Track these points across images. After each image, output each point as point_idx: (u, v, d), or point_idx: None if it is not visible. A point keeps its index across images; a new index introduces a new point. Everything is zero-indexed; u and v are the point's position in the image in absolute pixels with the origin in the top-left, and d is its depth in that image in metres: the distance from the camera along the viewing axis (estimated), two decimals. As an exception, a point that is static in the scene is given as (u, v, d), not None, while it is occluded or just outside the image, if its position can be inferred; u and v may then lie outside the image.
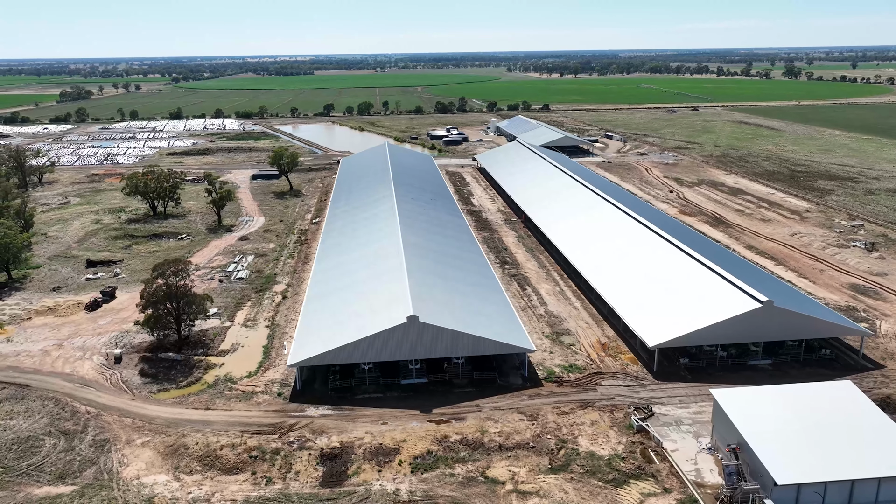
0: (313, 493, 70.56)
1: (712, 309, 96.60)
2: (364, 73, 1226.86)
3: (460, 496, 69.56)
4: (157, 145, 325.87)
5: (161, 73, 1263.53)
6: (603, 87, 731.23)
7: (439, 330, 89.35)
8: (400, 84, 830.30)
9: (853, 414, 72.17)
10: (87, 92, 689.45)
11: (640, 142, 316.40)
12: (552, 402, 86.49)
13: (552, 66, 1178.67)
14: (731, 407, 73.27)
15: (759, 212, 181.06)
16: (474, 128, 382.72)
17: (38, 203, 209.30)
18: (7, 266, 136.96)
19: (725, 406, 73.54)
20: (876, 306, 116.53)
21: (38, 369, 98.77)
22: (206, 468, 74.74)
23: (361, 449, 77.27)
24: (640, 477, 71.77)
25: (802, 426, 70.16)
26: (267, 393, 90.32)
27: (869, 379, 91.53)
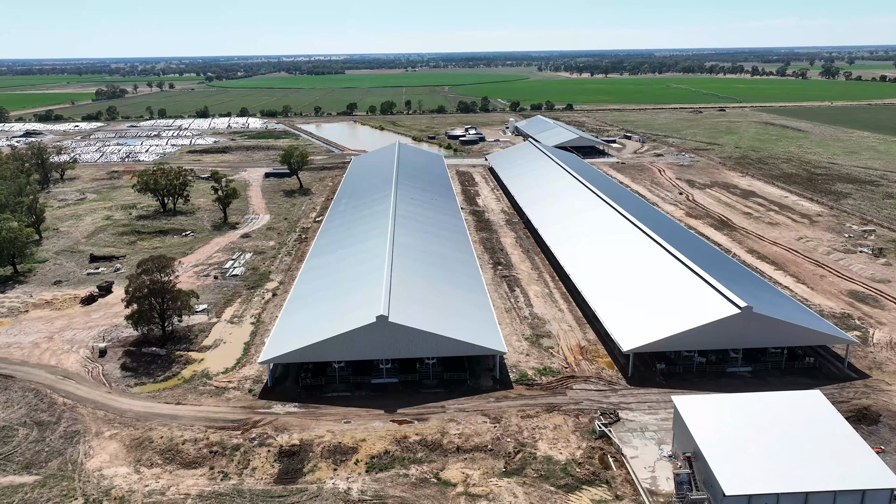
0: (266, 489, 71.23)
1: (691, 314, 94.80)
2: (394, 73, 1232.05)
3: (410, 497, 69.52)
4: (180, 143, 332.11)
5: (196, 73, 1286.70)
6: (632, 87, 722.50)
7: (409, 330, 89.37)
8: (427, 83, 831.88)
9: (817, 425, 70.15)
10: (122, 90, 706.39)
11: (659, 142, 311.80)
12: (518, 405, 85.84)
13: (583, 65, 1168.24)
14: (690, 414, 71.84)
15: (769, 215, 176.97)
16: (494, 128, 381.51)
17: (55, 198, 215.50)
18: (13, 260, 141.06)
19: (684, 413, 72.13)
20: (873, 314, 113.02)
21: (25, 361, 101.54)
22: (166, 462, 75.99)
23: (320, 447, 77.73)
24: (594, 483, 70.82)
25: (761, 436, 68.40)
26: (239, 389, 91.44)
27: (850, 389, 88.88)
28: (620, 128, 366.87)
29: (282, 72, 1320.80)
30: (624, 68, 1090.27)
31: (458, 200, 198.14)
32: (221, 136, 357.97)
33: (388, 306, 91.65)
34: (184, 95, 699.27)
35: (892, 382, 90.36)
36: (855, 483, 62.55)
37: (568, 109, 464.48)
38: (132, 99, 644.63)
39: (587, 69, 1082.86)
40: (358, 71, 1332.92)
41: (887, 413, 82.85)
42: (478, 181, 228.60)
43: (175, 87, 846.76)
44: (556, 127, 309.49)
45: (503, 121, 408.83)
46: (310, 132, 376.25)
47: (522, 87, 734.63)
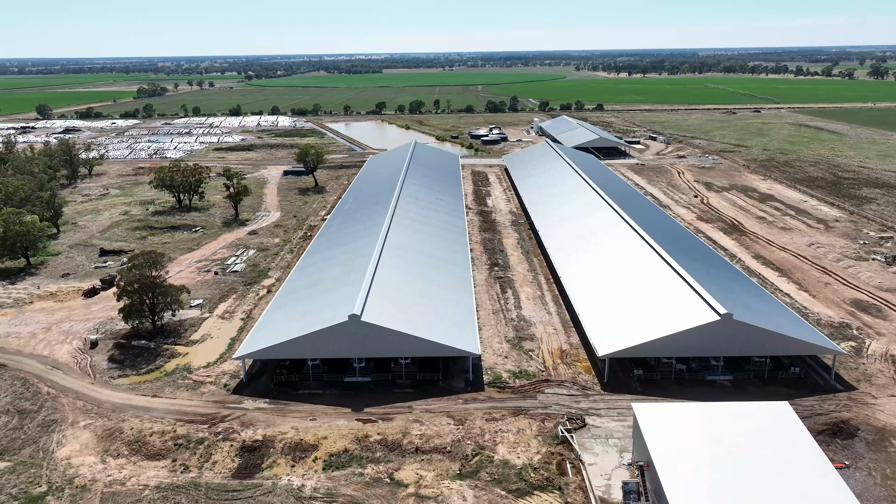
0: (222, 483, 72.36)
1: (670, 320, 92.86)
2: (431, 72, 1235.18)
3: (361, 496, 69.81)
4: (208, 140, 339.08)
5: (238, 71, 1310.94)
6: (668, 87, 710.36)
7: (382, 330, 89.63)
8: (462, 83, 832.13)
9: (779, 438, 67.97)
10: (163, 89, 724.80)
11: (685, 144, 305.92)
12: (486, 408, 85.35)
13: (621, 65, 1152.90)
14: (647, 422, 70.38)
15: (783, 220, 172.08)
16: (520, 127, 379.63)
17: (80, 193, 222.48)
18: (26, 253, 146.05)
19: (641, 421, 70.70)
20: (874, 324, 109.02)
21: (20, 350, 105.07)
22: (132, 453, 77.79)
23: (282, 444, 78.59)
24: (546, 489, 70.01)
25: (719, 448, 66.56)
26: (215, 384, 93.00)
27: (832, 401, 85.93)
28: (648, 128, 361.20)
29: (321, 71, 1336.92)
30: (663, 68, 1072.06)
31: (468, 200, 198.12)
32: (249, 134, 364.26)
33: (362, 305, 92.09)
34: (221, 94, 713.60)
35: (878, 396, 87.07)
36: (809, 502, 60.43)
37: (598, 109, 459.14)
38: (172, 97, 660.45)
39: (625, 69, 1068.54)
40: (395, 70, 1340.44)
41: (866, 428, 79.86)
42: (492, 181, 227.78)
43: (215, 85, 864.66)
44: (579, 127, 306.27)
45: (531, 121, 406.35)
46: (336, 131, 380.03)
47: (556, 87, 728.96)
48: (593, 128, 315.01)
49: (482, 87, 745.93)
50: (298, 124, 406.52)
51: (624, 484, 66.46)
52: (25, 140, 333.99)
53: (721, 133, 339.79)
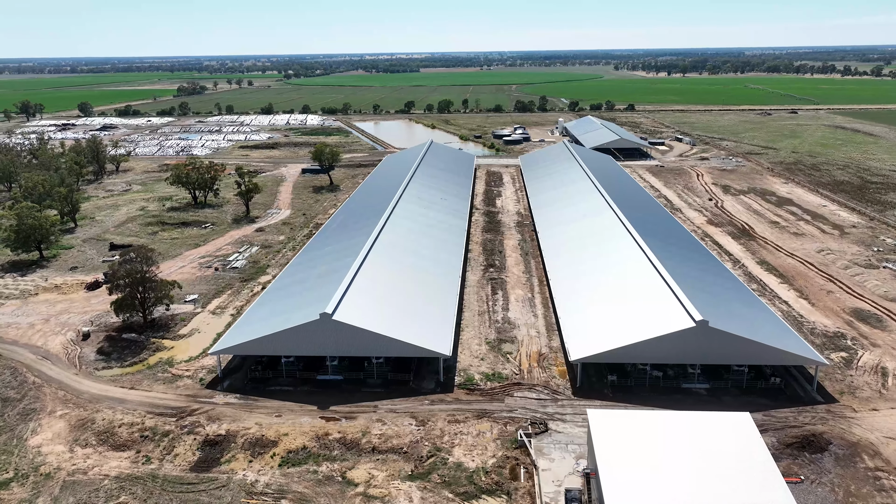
0: (180, 476, 73.77)
1: (647, 326, 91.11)
2: (468, 71, 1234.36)
3: (310, 493, 70.40)
4: (235, 138, 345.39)
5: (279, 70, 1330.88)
6: (707, 87, 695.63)
7: (353, 329, 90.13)
8: (496, 82, 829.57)
9: (733, 450, 66.10)
10: (202, 87, 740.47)
11: (711, 145, 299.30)
12: (451, 409, 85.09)
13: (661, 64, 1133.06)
14: (600, 429, 69.24)
15: (797, 225, 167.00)
16: (547, 127, 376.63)
17: (104, 189, 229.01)
18: (39, 246, 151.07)
19: (593, 427, 69.61)
20: (871, 334, 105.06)
21: (16, 340, 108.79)
22: (99, 443, 79.91)
23: (244, 439, 79.71)
24: (495, 493, 69.51)
25: (668, 458, 65.12)
26: (192, 378, 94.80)
27: (809, 413, 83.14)
28: (677, 129, 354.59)
29: (359, 70, 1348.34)
30: (703, 67, 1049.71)
31: (478, 201, 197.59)
32: (277, 133, 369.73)
33: (336, 304, 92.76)
34: (258, 92, 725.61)
35: (859, 409, 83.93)
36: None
37: (629, 110, 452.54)
38: (210, 95, 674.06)
39: (665, 68, 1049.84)
40: (433, 69, 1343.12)
41: (839, 442, 77.08)
42: (505, 182, 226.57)
43: (253, 84, 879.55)
44: (601, 128, 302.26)
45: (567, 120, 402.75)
46: (362, 129, 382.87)
47: (591, 87, 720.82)
48: (616, 128, 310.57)
49: (516, 86, 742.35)
50: (326, 123, 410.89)
51: (567, 492, 65.55)
52: (64, 137, 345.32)
53: (751, 135, 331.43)
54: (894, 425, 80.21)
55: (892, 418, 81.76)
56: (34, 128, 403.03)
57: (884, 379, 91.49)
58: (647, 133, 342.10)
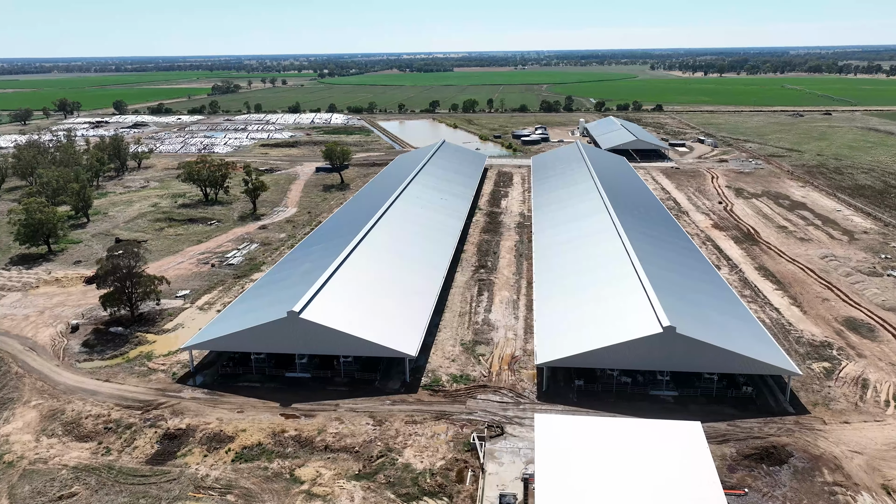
0: (135, 468, 75.26)
1: (616, 330, 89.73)
2: (502, 71, 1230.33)
3: (256, 489, 71.15)
4: (258, 136, 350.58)
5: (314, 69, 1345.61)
6: (740, 88, 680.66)
7: (320, 327, 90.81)
8: (528, 81, 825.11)
9: (676, 460, 64.68)
10: (236, 86, 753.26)
11: (734, 147, 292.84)
12: (410, 410, 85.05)
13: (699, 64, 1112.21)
14: (545, 434, 68.46)
15: (806, 230, 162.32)
16: (570, 128, 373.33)
17: (123, 185, 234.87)
18: (47, 240, 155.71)
19: (539, 432, 68.86)
20: (859, 345, 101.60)
21: (8, 331, 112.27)
22: (65, 434, 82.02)
23: (202, 433, 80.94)
24: (437, 496, 69.27)
25: (607, 465, 64.06)
26: (166, 372, 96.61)
27: (775, 425, 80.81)
28: (702, 130, 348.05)
29: (394, 69, 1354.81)
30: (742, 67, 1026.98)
31: (483, 201, 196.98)
32: (300, 131, 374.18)
33: (306, 303, 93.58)
34: (290, 91, 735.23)
35: (829, 422, 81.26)
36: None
37: (656, 110, 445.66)
38: (242, 94, 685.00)
39: (702, 68, 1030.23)
40: (468, 68, 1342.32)
41: (801, 455, 74.76)
42: (514, 182, 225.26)
43: (287, 82, 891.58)
44: (620, 129, 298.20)
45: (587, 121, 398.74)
46: (384, 128, 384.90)
47: (623, 86, 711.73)
48: (636, 129, 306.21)
49: (546, 86, 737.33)
50: (350, 122, 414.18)
51: (501, 497, 64.98)
52: (95, 134, 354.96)
53: (778, 136, 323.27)
54: (862, 439, 77.49)
55: (862, 432, 78.98)
56: (69, 125, 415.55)
57: (863, 391, 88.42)
58: (671, 134, 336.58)
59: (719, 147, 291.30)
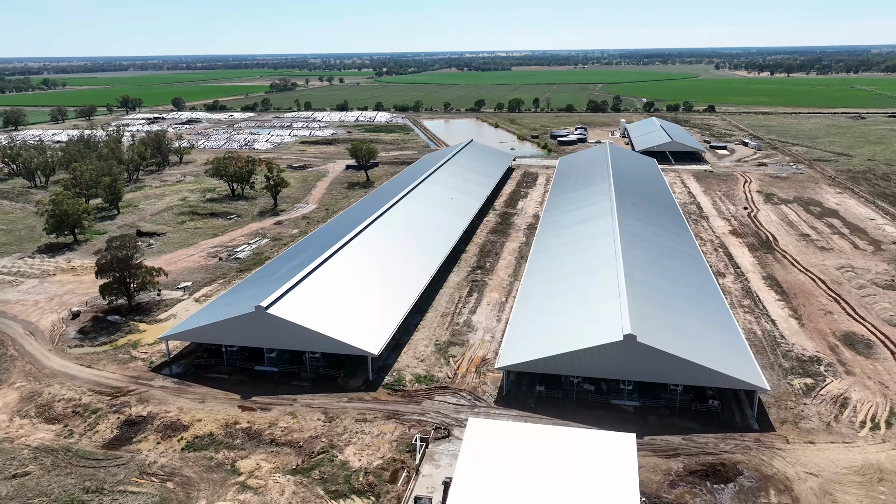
0: (91, 451, 78.42)
1: (578, 336, 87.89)
2: (560, 70, 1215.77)
3: (195, 478, 73.04)
4: (300, 134, 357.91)
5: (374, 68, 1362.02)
6: (806, 88, 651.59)
7: (286, 323, 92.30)
8: (583, 81, 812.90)
9: (600, 471, 62.93)
10: (293, 84, 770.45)
11: (780, 150, 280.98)
12: (364, 408, 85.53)
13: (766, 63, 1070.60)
14: (473, 439, 67.74)
15: (829, 239, 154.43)
16: (613, 128, 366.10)
17: (160, 179, 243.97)
18: (73, 230, 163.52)
19: (468, 436, 68.19)
20: (852, 361, 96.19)
21: (16, 316, 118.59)
22: (37, 415, 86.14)
23: (160, 421, 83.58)
24: (364, 494, 69.52)
25: (527, 473, 62.86)
26: (145, 360, 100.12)
27: (733, 441, 77.46)
28: (750, 133, 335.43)
29: (452, 68, 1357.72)
30: (812, 67, 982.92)
31: (500, 201, 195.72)
32: (343, 129, 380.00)
33: (277, 298, 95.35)
34: (344, 89, 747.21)
35: (793, 441, 77.31)
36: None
37: (708, 111, 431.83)
38: (298, 92, 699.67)
39: (769, 67, 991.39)
40: (526, 67, 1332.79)
41: (753, 474, 71.47)
42: (538, 183, 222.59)
43: (344, 81, 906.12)
44: (659, 130, 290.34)
45: (630, 121, 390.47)
46: (425, 127, 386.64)
47: (680, 86, 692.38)
48: (676, 131, 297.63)
49: (602, 85, 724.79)
50: (394, 120, 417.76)
51: (416, 499, 64.62)
52: (149, 129, 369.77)
53: (830, 140, 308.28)
54: (823, 461, 73.46)
55: (825, 453, 74.86)
56: (128, 121, 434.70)
57: (840, 410, 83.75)
58: (717, 136, 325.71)
59: (762, 150, 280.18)
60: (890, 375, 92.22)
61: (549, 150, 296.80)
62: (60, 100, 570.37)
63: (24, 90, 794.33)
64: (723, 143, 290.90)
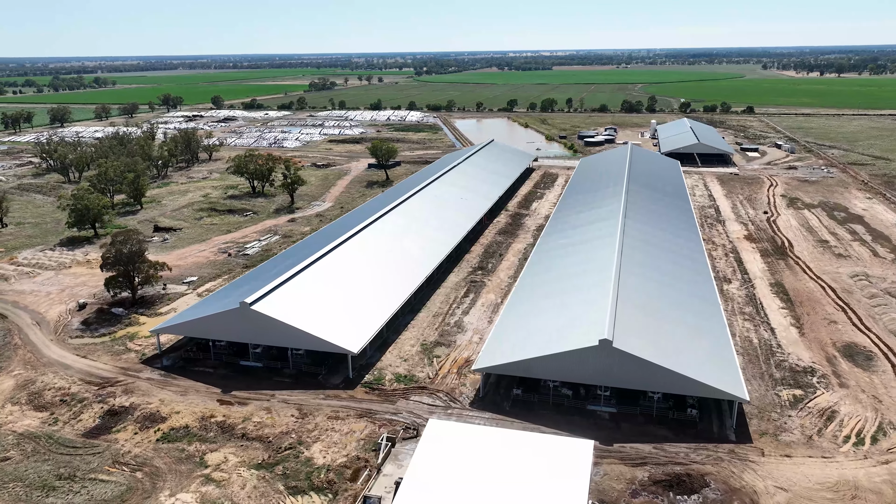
0: (71, 439, 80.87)
1: (557, 340, 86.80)
2: (602, 69, 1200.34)
3: (164, 469, 74.65)
4: (330, 132, 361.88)
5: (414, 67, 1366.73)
6: (857, 89, 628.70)
7: (268, 319, 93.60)
8: (623, 80, 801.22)
9: (550, 479, 62.00)
10: (332, 83, 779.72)
11: (814, 154, 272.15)
12: (338, 406, 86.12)
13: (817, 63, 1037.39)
14: (430, 440, 67.61)
15: (848, 245, 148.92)
16: (645, 129, 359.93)
17: (187, 176, 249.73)
18: (94, 224, 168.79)
19: (425, 437, 68.08)
20: (847, 374, 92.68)
21: (26, 306, 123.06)
22: (28, 402, 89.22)
23: (141, 412, 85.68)
24: (322, 491, 70.02)
25: (477, 477, 62.41)
26: (139, 352, 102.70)
27: (705, 452, 75.43)
28: (786, 135, 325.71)
29: (493, 67, 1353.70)
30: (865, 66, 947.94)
31: (514, 202, 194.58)
32: (373, 128, 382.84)
33: (262, 295, 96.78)
34: (381, 88, 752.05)
35: (768, 455, 74.87)
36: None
37: (746, 112, 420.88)
38: (336, 91, 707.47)
39: (819, 67, 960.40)
40: (568, 67, 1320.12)
41: (719, 486, 69.49)
42: (556, 184, 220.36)
43: (383, 80, 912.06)
44: (687, 132, 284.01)
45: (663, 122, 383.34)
46: (454, 126, 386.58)
47: (722, 87, 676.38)
48: (706, 132, 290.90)
49: (641, 85, 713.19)
50: (425, 119, 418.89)
51: (365, 499, 64.73)
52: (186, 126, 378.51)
53: (870, 143, 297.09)
54: (796, 475, 70.95)
55: (800, 468, 72.30)
56: (167, 118, 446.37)
57: (825, 424, 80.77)
58: (751, 138, 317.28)
59: (796, 153, 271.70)
60: (886, 389, 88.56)
61: (574, 150, 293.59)
62: (108, 98, 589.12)
63: (76, 88, 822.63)
64: (754, 146, 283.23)
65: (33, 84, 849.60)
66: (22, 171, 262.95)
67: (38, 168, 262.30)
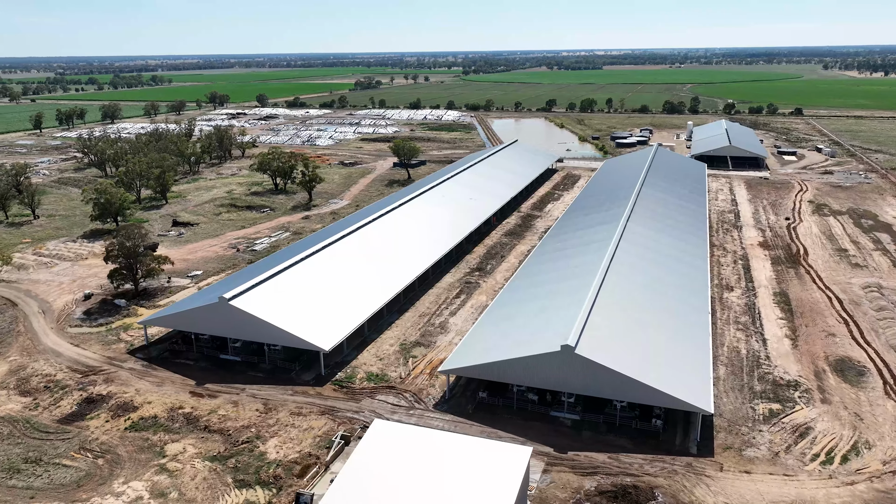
0: (47, 424, 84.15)
1: (524, 344, 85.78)
2: (654, 69, 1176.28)
3: (125, 457, 76.97)
4: (364, 131, 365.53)
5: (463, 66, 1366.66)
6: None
7: (247, 315, 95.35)
8: (673, 80, 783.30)
9: (480, 483, 61.37)
10: (378, 82, 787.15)
11: (856, 158, 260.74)
12: (303, 402, 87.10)
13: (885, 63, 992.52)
14: (370, 440, 67.68)
15: (868, 255, 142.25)
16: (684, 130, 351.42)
17: (217, 172, 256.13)
18: (116, 217, 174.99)
19: (366, 437, 68.23)
20: (834, 389, 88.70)
21: (37, 294, 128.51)
22: (15, 387, 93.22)
23: (115, 402, 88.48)
24: (267, 486, 71.00)
25: (410, 477, 62.24)
26: (129, 343, 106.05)
27: (660, 464, 73.38)
28: (832, 138, 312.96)
29: (543, 67, 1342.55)
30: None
31: (529, 203, 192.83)
32: (408, 127, 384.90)
33: (243, 291, 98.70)
34: (425, 87, 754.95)
35: (727, 470, 72.30)
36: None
37: (794, 114, 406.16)
38: (380, 90, 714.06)
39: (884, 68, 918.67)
40: (619, 66, 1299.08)
41: (667, 500, 67.51)
42: (577, 186, 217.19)
43: (429, 79, 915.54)
44: (720, 134, 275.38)
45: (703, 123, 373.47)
46: (489, 126, 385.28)
47: (777, 87, 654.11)
48: (742, 134, 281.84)
49: (690, 85, 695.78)
50: (462, 119, 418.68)
51: (298, 496, 65.28)
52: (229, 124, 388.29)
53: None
54: (750, 493, 68.31)
55: (757, 485, 69.57)
56: (213, 115, 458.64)
57: (797, 440, 77.51)
58: (793, 141, 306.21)
59: (836, 157, 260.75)
60: (871, 407, 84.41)
61: (605, 151, 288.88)
62: (161, 95, 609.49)
63: (134, 86, 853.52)
64: (792, 149, 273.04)
65: (95, 82, 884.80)
66: (65, 165, 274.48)
67: (80, 163, 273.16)
